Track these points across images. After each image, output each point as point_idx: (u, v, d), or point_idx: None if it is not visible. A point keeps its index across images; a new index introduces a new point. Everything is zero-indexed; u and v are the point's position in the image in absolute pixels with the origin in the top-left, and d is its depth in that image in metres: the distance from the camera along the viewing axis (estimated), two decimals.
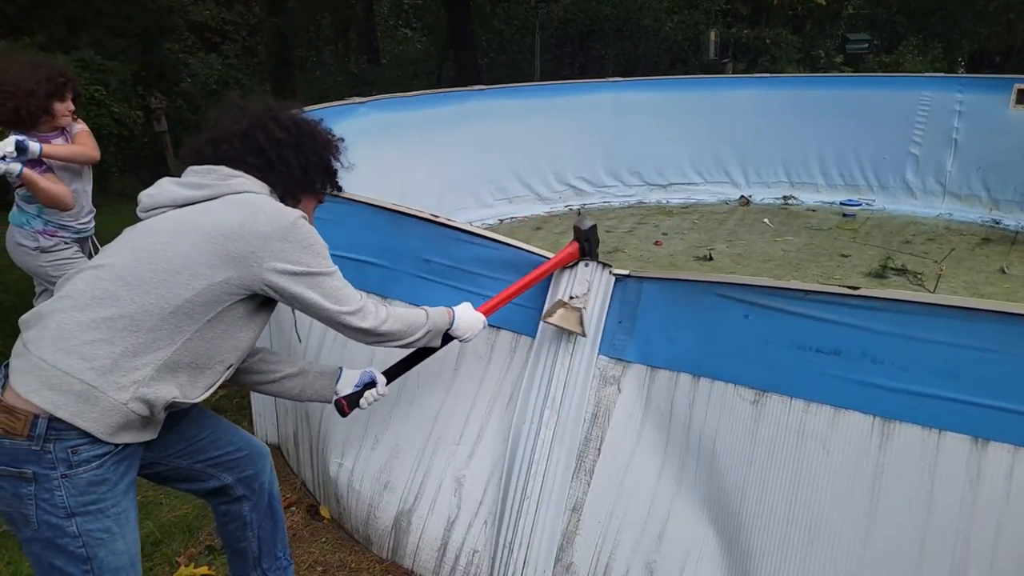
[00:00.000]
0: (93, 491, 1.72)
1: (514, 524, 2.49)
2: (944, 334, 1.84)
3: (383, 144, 6.54)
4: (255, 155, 1.95)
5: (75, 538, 1.73)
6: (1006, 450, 1.77)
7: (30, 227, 3.58)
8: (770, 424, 2.10)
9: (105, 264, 1.77)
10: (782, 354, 2.08)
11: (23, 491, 1.68)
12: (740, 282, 2.20)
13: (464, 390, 2.73)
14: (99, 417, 1.68)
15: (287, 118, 2.03)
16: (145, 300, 1.71)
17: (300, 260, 1.83)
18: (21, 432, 1.64)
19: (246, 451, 2.23)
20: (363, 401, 2.25)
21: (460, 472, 2.68)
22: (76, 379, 1.66)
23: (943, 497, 1.84)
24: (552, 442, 2.46)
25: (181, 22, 13.77)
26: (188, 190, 1.88)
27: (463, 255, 2.68)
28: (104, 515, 1.75)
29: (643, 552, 2.32)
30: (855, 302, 1.96)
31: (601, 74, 12.69)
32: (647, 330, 2.39)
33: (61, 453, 1.66)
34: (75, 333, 1.68)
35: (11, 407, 1.65)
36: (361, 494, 2.87)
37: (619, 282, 2.44)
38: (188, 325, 1.76)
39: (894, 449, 1.91)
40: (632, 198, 8.76)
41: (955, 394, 1.83)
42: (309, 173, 2.04)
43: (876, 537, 1.92)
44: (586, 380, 2.45)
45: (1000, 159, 7.67)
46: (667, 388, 2.33)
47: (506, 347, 2.67)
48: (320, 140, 2.07)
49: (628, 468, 2.39)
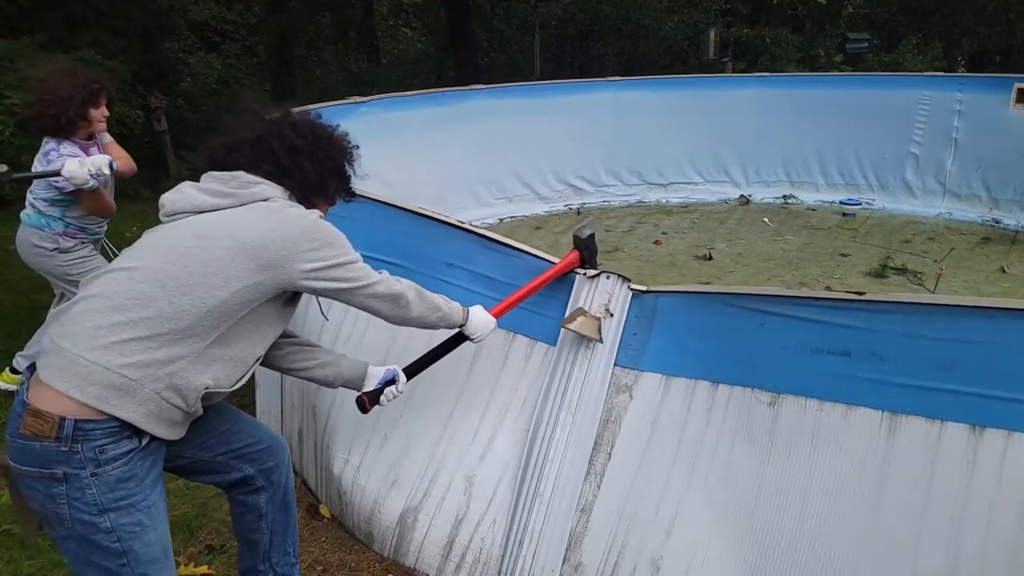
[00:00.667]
0: (122, 487, 1.77)
1: (525, 522, 2.54)
2: (943, 330, 1.96)
3: (383, 143, 6.54)
4: (269, 162, 2.01)
5: (109, 533, 1.78)
6: (1000, 435, 1.89)
7: (50, 229, 3.65)
8: (786, 424, 2.22)
9: (139, 266, 1.82)
10: (797, 358, 2.21)
11: (55, 491, 1.74)
12: (755, 292, 2.34)
13: (478, 392, 2.78)
14: (138, 407, 1.75)
15: (304, 124, 2.09)
16: (182, 301, 1.78)
17: (327, 256, 1.93)
18: (49, 434, 1.70)
19: (267, 443, 2.29)
20: (383, 398, 2.33)
21: (472, 471, 2.72)
22: (116, 374, 1.72)
23: (942, 482, 1.94)
24: (567, 444, 2.53)
25: (181, 22, 13.76)
26: (211, 197, 1.94)
27: (484, 261, 2.77)
28: (135, 509, 1.81)
29: (650, 550, 2.36)
30: (862, 306, 2.08)
31: (601, 73, 12.67)
32: (662, 341, 2.51)
33: (89, 453, 1.72)
34: (113, 331, 1.74)
35: (39, 410, 1.71)
36: (366, 490, 2.88)
37: (636, 297, 2.56)
38: (222, 323, 1.83)
39: (901, 440, 2.02)
40: (632, 197, 8.76)
41: (954, 385, 1.95)
42: (324, 179, 2.11)
43: (879, 524, 2.00)
44: (602, 387, 2.55)
45: (1000, 158, 7.68)
46: (684, 395, 2.43)
47: (521, 352, 2.73)
48: (336, 146, 2.14)
49: (638, 471, 2.46)
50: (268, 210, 1.93)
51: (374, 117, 6.86)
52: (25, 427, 1.72)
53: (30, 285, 5.85)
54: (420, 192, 7.10)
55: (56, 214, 3.64)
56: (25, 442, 1.73)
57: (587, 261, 2.68)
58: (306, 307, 3.16)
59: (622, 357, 2.55)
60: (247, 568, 2.43)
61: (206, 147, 2.07)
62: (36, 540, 2.91)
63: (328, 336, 3.07)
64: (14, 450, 1.77)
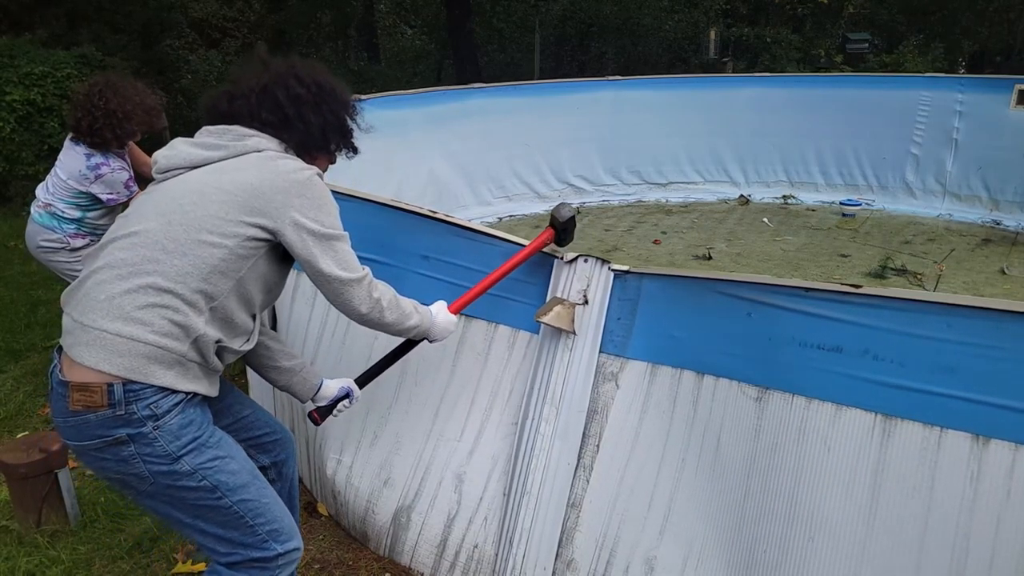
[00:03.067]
0: (186, 432, 1.81)
1: (514, 519, 2.50)
2: (944, 331, 1.84)
3: (383, 141, 6.53)
4: (271, 111, 1.98)
5: (192, 474, 1.82)
6: (1007, 448, 1.78)
7: (62, 231, 3.70)
8: (773, 421, 2.12)
9: (138, 231, 1.81)
10: (785, 351, 2.09)
11: (124, 453, 1.77)
12: (743, 280, 2.20)
13: (463, 386, 2.73)
14: (167, 370, 1.77)
15: (308, 75, 2.05)
16: (183, 262, 1.78)
17: (316, 218, 1.88)
18: (101, 403, 1.72)
19: (279, 435, 2.33)
20: (336, 411, 2.32)
21: (461, 468, 2.69)
22: (141, 343, 1.74)
23: (944, 495, 1.85)
24: (553, 437, 2.47)
25: (181, 19, 13.76)
26: (204, 151, 1.92)
27: (460, 250, 2.67)
28: (206, 447, 1.85)
29: (643, 548, 2.33)
30: (857, 300, 1.96)
31: (601, 72, 12.68)
32: (647, 327, 2.39)
33: (145, 411, 1.75)
34: (127, 300, 1.75)
35: (85, 384, 1.72)
36: (360, 490, 2.87)
37: (618, 278, 2.43)
38: (225, 281, 1.83)
39: (895, 446, 1.92)
40: (631, 197, 8.75)
41: (955, 391, 1.84)
42: (326, 132, 2.08)
43: (876, 534, 1.93)
44: (587, 376, 2.46)
45: (1000, 159, 7.67)
46: (670, 384, 2.34)
47: (504, 342, 2.66)
48: (340, 99, 2.11)
49: (627, 464, 2.40)
50: (260, 160, 1.90)
51: (374, 115, 6.80)
52: (75, 403, 1.73)
53: (29, 280, 5.86)
54: (420, 191, 7.11)
55: (75, 215, 3.69)
56: (79, 418, 1.74)
57: (560, 242, 2.57)
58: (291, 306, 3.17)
59: (607, 344, 2.45)
60: None
61: (207, 96, 2.05)
62: (34, 536, 2.92)
63: (312, 337, 3.05)
64: (68, 429, 1.78)
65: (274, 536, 1.97)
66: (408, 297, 2.19)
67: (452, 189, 7.71)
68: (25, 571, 2.76)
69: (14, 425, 3.80)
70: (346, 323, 2.92)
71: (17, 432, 3.71)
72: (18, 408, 3.95)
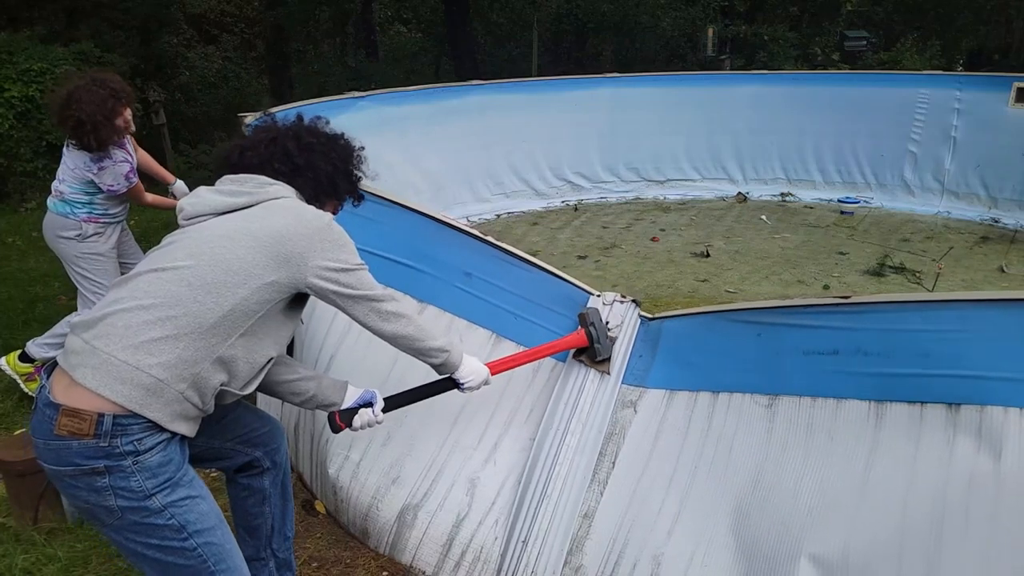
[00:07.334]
0: (163, 471, 1.82)
1: (531, 521, 2.60)
2: (919, 323, 2.11)
3: (381, 138, 6.53)
4: (283, 161, 2.10)
5: (161, 512, 1.83)
6: (974, 410, 2.01)
7: (75, 216, 3.83)
8: (783, 422, 2.32)
9: (166, 267, 1.88)
10: (791, 361, 2.34)
11: (99, 484, 1.77)
12: (752, 307, 2.51)
13: (484, 401, 2.81)
14: (163, 407, 1.80)
15: (316, 127, 2.22)
16: (207, 299, 1.84)
17: (339, 257, 1.99)
18: (88, 432, 1.74)
19: (268, 426, 2.37)
20: (356, 419, 2.27)
21: (475, 474, 2.77)
22: (145, 374, 1.77)
23: (925, 464, 2.04)
24: (576, 449, 2.62)
25: (180, 15, 13.74)
26: (227, 197, 2.01)
27: (503, 274, 2.84)
28: (179, 486, 1.86)
29: (651, 548, 2.42)
30: (848, 308, 2.24)
31: (598, 70, 12.67)
32: (666, 359, 2.65)
33: (128, 446, 1.77)
34: (143, 331, 1.79)
35: (76, 410, 1.74)
36: (365, 486, 2.89)
37: (643, 324, 2.71)
38: (242, 322, 1.89)
39: (886, 426, 2.13)
40: (629, 194, 8.76)
41: (931, 370, 2.09)
42: (334, 179, 2.20)
43: (866, 505, 2.09)
44: (609, 402, 2.67)
45: (999, 157, 7.68)
46: (686, 406, 2.55)
47: (530, 364, 2.76)
48: (346, 148, 2.26)
49: (640, 479, 2.54)
50: (284, 207, 2.01)
51: (372, 112, 6.85)
52: (61, 428, 1.74)
53: (28, 277, 5.85)
54: (418, 187, 7.11)
55: (84, 199, 3.82)
56: (61, 443, 1.75)
57: (596, 340, 2.65)
58: (304, 327, 3.21)
59: (629, 376, 2.68)
60: (248, 556, 2.40)
61: (219, 149, 2.17)
62: (31, 534, 2.91)
63: (324, 357, 3.10)
64: (47, 452, 1.78)
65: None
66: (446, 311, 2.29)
67: (450, 185, 7.72)
68: (22, 568, 2.76)
69: (11, 422, 3.79)
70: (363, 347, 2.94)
71: (14, 429, 3.70)
72: (15, 405, 3.94)
